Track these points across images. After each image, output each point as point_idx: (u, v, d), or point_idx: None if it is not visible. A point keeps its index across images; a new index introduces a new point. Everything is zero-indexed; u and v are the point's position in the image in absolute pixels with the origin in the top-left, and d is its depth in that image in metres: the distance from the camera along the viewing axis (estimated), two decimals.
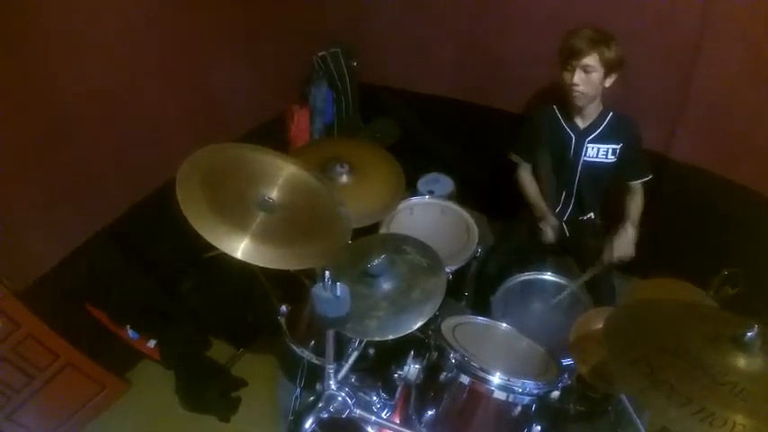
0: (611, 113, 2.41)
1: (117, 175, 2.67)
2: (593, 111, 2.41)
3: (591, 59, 2.18)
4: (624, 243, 2.37)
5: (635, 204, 2.48)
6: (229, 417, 2.80)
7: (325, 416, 1.60)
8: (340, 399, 1.60)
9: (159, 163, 2.37)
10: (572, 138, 2.44)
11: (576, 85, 2.24)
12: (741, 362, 1.31)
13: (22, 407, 2.51)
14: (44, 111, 2.31)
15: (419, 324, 1.82)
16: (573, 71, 2.23)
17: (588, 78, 2.23)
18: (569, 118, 2.44)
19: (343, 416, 1.61)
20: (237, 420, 2.80)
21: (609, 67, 2.22)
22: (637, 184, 2.50)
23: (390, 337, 1.82)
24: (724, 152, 2.61)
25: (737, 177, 2.59)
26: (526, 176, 2.70)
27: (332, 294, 1.36)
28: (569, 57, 2.23)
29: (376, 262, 1.88)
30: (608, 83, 2.28)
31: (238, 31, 3.10)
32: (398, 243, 2.13)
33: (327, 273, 1.36)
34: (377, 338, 1.86)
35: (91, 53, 2.40)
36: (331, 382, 1.60)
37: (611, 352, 1.46)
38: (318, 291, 1.37)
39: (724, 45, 2.39)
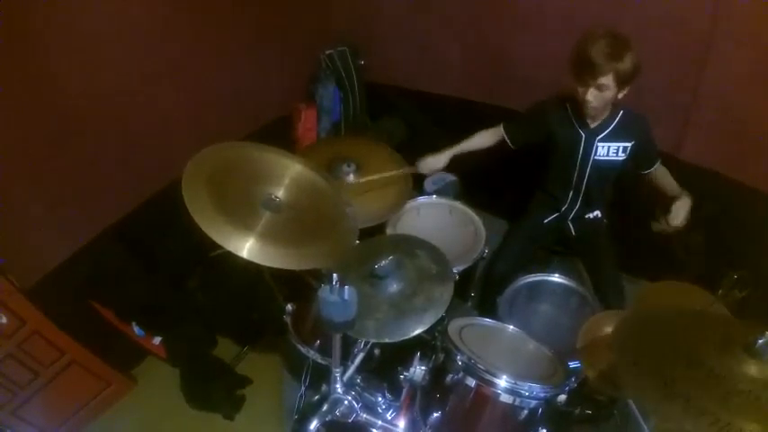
0: (621, 112, 2.38)
1: (124, 173, 2.68)
2: (597, 113, 2.38)
3: (606, 79, 2.13)
4: (685, 209, 2.29)
5: (667, 180, 2.46)
6: (234, 415, 2.80)
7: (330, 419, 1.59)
8: (346, 403, 1.59)
9: (166, 162, 2.37)
10: (582, 137, 2.42)
11: (590, 102, 2.21)
12: (753, 369, 1.30)
13: (28, 403, 2.52)
14: (51, 111, 2.32)
15: (417, 331, 1.81)
16: (587, 87, 2.18)
17: (602, 95, 2.19)
18: (580, 117, 2.41)
19: (350, 420, 1.60)
20: (242, 418, 2.80)
21: (623, 82, 2.17)
22: (653, 170, 2.50)
23: (386, 340, 1.82)
24: (733, 153, 2.58)
25: (747, 179, 2.57)
26: (489, 136, 2.70)
27: (339, 298, 1.34)
28: (584, 72, 2.16)
29: (384, 263, 1.87)
30: (621, 95, 2.23)
31: (245, 30, 3.10)
32: (411, 246, 2.12)
33: (335, 276, 1.35)
34: (373, 340, 1.85)
35: (98, 53, 2.41)
36: (337, 386, 1.59)
37: (624, 364, 1.44)
38: (325, 294, 1.35)
39: (734, 45, 2.37)
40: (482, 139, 2.70)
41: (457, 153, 2.66)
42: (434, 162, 2.62)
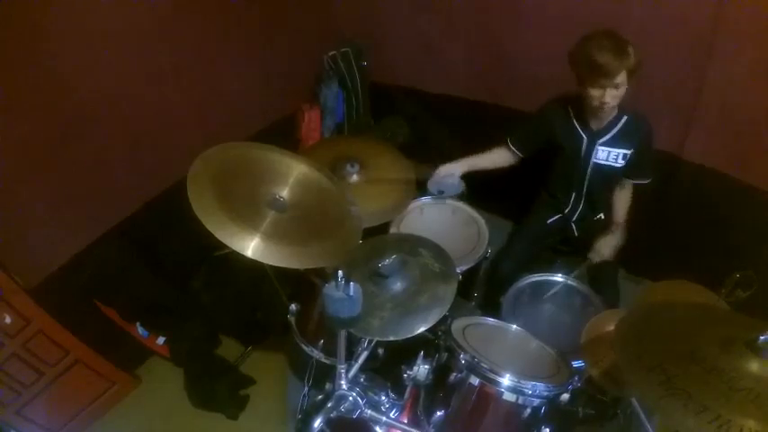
0: (625, 117, 2.37)
1: (128, 173, 2.69)
2: (607, 114, 2.38)
3: (621, 77, 2.13)
4: (609, 246, 2.45)
5: (623, 202, 2.56)
6: (237, 414, 2.81)
7: (335, 415, 1.60)
8: (351, 399, 1.59)
9: (170, 162, 2.39)
10: (583, 139, 2.42)
11: (608, 103, 2.20)
12: (755, 366, 1.29)
13: (32, 402, 2.53)
14: (57, 110, 2.33)
15: (422, 329, 1.81)
16: (603, 89, 2.17)
17: (618, 93, 2.18)
18: (583, 119, 2.41)
19: (354, 416, 1.61)
20: (245, 418, 2.81)
21: (632, 76, 2.17)
22: (630, 182, 2.53)
23: (391, 338, 1.82)
24: (737, 153, 2.58)
25: (750, 178, 2.56)
26: (501, 153, 2.68)
27: (345, 294, 1.35)
28: (599, 76, 2.14)
29: (387, 261, 1.87)
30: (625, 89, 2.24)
31: (249, 31, 3.11)
32: (414, 245, 2.11)
33: (341, 272, 1.36)
34: (377, 338, 1.85)
35: (103, 53, 2.42)
36: (342, 382, 1.60)
37: (626, 360, 1.44)
38: (330, 290, 1.36)
39: (737, 45, 2.36)
40: (492, 161, 2.70)
41: (470, 169, 2.67)
42: (447, 171, 2.63)
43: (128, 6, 2.47)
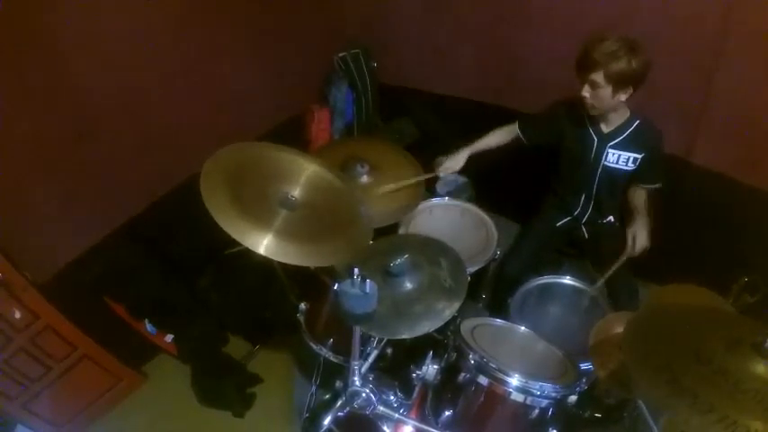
0: (637, 121, 2.37)
1: (138, 171, 2.70)
2: (617, 117, 2.37)
3: (596, 76, 2.12)
4: (645, 235, 2.46)
5: (641, 199, 2.54)
6: (244, 412, 2.81)
7: (344, 413, 1.61)
8: (364, 395, 1.60)
9: (180, 161, 2.41)
10: (594, 140, 2.42)
11: (585, 98, 2.22)
12: (761, 368, 1.30)
13: (39, 397, 2.54)
14: (68, 109, 2.34)
15: (403, 336, 1.81)
16: (582, 84, 2.19)
17: (596, 93, 2.18)
18: (594, 121, 2.41)
19: (367, 412, 1.62)
20: (252, 416, 2.81)
21: (618, 83, 2.14)
22: (650, 188, 2.52)
23: (373, 334, 1.84)
24: (745, 156, 2.58)
25: (758, 182, 2.56)
26: (504, 134, 2.70)
27: (360, 291, 1.36)
28: (580, 67, 2.18)
29: (398, 261, 1.87)
30: (623, 97, 2.20)
31: (259, 31, 3.12)
32: (437, 252, 2.09)
33: (356, 269, 1.37)
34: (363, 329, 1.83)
35: (114, 53, 2.43)
36: (355, 378, 1.61)
37: (633, 359, 1.45)
38: (346, 287, 1.37)
39: (745, 47, 2.37)
40: (497, 137, 2.70)
41: (473, 152, 2.67)
42: (453, 164, 2.64)
43: (139, 6, 2.48)
